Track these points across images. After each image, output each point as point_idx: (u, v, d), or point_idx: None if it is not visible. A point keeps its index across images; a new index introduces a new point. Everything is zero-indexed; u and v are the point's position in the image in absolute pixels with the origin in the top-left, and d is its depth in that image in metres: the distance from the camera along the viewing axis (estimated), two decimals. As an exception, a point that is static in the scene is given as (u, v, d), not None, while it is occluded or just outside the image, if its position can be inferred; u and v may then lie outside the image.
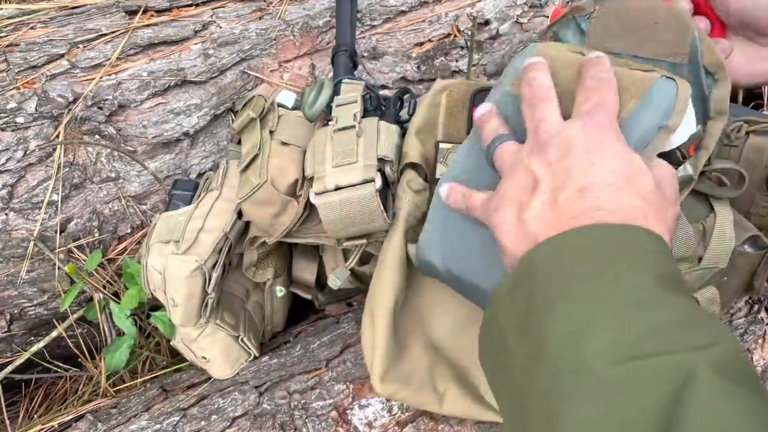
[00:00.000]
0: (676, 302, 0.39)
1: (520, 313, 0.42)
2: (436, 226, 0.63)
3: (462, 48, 0.98)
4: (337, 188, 0.66)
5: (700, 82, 0.55)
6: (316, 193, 0.66)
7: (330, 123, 0.71)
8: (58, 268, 0.87)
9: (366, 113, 0.72)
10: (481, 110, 0.58)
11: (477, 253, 0.59)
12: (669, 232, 0.46)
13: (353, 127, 0.69)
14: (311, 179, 0.68)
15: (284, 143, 0.76)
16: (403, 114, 0.75)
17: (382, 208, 0.66)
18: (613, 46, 0.59)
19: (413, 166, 0.70)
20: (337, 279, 0.76)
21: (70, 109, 0.84)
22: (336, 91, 0.75)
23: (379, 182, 0.65)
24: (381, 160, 0.67)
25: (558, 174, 0.47)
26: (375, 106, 0.74)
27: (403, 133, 0.73)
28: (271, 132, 0.77)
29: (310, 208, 0.74)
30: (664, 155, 0.55)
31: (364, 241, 0.71)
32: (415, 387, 0.70)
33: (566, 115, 0.52)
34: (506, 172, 0.51)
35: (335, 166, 0.67)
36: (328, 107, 0.73)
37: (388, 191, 0.69)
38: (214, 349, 0.81)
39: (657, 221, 0.45)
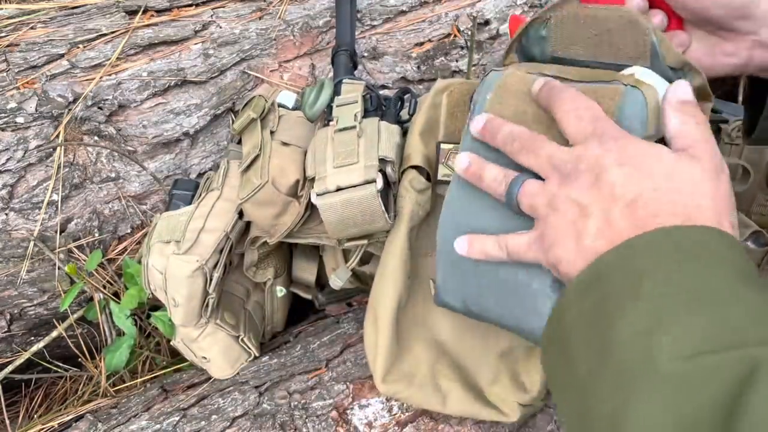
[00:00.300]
0: (748, 297, 0.38)
1: (588, 316, 0.42)
2: (448, 268, 0.63)
3: (462, 48, 0.98)
4: (339, 189, 0.66)
5: (667, 76, 0.55)
6: (318, 194, 0.66)
7: (331, 123, 0.71)
8: (58, 268, 0.87)
9: (366, 113, 0.72)
10: (462, 163, 0.56)
11: (496, 292, 0.59)
12: (729, 212, 0.45)
13: (354, 127, 0.69)
14: (312, 180, 0.68)
15: (285, 144, 0.76)
16: (404, 114, 0.75)
17: (383, 208, 0.66)
18: (576, 53, 0.59)
19: (416, 167, 0.70)
20: (338, 279, 0.76)
21: (70, 109, 0.84)
22: (336, 91, 0.75)
23: (380, 183, 0.65)
24: (382, 161, 0.67)
25: (603, 196, 0.46)
26: (375, 106, 0.73)
27: (404, 133, 0.73)
28: (271, 132, 0.77)
29: (311, 208, 0.74)
30: None
31: (366, 241, 0.71)
32: (417, 386, 0.70)
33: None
34: (543, 210, 0.49)
35: (336, 167, 0.66)
36: (329, 107, 0.73)
37: (389, 191, 0.69)
38: (214, 349, 0.81)
39: (722, 219, 0.44)
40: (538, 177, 0.51)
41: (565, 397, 0.44)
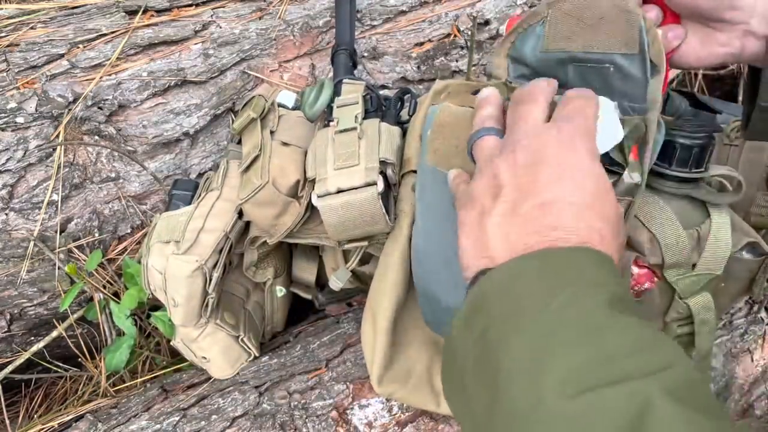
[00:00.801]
0: (626, 324, 0.38)
1: (476, 350, 0.41)
2: (421, 302, 0.67)
3: (462, 48, 0.98)
4: (339, 191, 0.66)
5: (644, 70, 0.56)
6: (318, 196, 0.66)
7: (331, 124, 0.71)
8: (58, 268, 0.87)
9: (367, 114, 0.72)
10: (485, 92, 0.58)
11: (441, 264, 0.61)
12: (619, 258, 0.46)
13: (355, 128, 0.69)
14: (312, 180, 0.68)
15: (285, 144, 0.76)
16: (404, 114, 0.75)
17: (384, 211, 0.66)
18: (569, 46, 0.60)
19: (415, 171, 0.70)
20: (338, 280, 0.76)
21: (70, 109, 0.84)
22: (336, 91, 0.75)
23: (381, 185, 0.65)
24: (383, 163, 0.67)
25: (522, 183, 0.46)
26: (376, 106, 0.73)
27: (404, 134, 0.73)
28: (271, 132, 0.77)
29: (311, 209, 0.74)
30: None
31: (366, 243, 0.71)
32: (413, 386, 0.70)
33: None
34: (479, 168, 0.50)
35: (337, 169, 0.66)
36: (329, 107, 0.73)
37: (389, 193, 0.69)
38: (214, 349, 0.81)
39: (612, 246, 0.44)
40: None
41: None
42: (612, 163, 0.56)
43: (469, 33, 0.97)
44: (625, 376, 0.34)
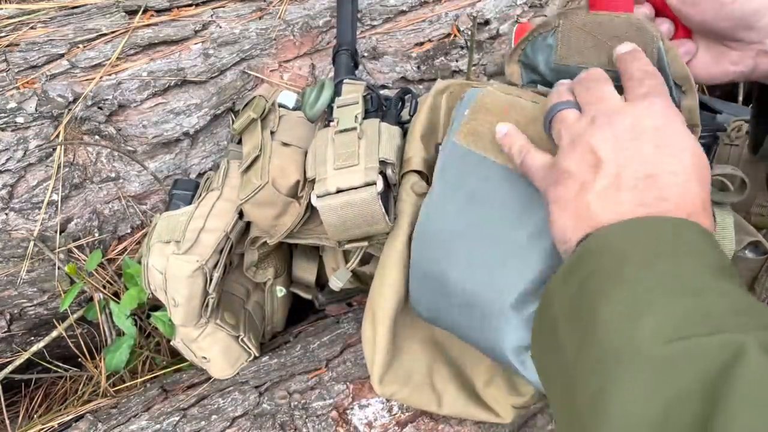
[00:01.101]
0: (728, 289, 0.39)
1: (573, 299, 0.42)
2: (420, 281, 0.66)
3: (462, 48, 0.98)
4: (339, 191, 0.65)
5: (669, 87, 0.55)
6: (318, 196, 0.66)
7: (331, 124, 0.71)
8: (58, 268, 0.87)
9: (367, 114, 0.72)
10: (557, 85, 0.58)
11: (462, 309, 0.62)
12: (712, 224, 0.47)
13: (355, 128, 0.69)
14: (312, 181, 0.68)
15: (285, 144, 0.76)
16: (404, 114, 0.75)
17: (384, 210, 0.66)
18: (582, 60, 0.59)
19: (416, 170, 0.70)
20: (338, 280, 0.76)
21: (70, 109, 0.84)
22: (337, 92, 0.75)
23: (380, 185, 0.65)
24: (382, 163, 0.67)
25: (624, 156, 0.46)
26: (376, 106, 0.73)
27: (404, 134, 0.73)
28: (272, 133, 0.77)
29: (311, 209, 0.74)
30: None
31: (366, 243, 0.71)
32: (413, 387, 0.70)
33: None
34: (566, 145, 0.50)
35: (336, 169, 0.66)
36: (329, 108, 0.73)
37: (389, 193, 0.69)
38: (214, 349, 0.81)
39: (707, 212, 0.45)
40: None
41: (555, 386, 0.44)
42: None
43: (469, 33, 0.97)
44: (722, 329, 0.35)
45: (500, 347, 0.60)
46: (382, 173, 0.67)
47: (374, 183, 0.65)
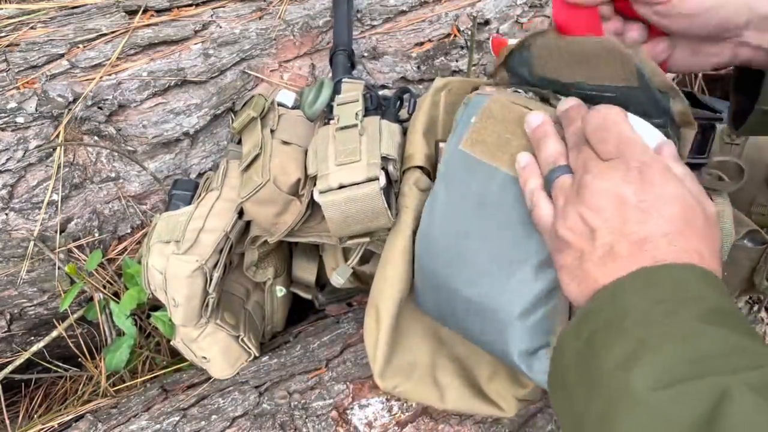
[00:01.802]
0: (718, 334, 0.41)
1: (581, 352, 0.46)
2: (425, 281, 0.67)
3: (462, 48, 0.98)
4: (341, 186, 0.66)
5: (656, 98, 0.55)
6: (320, 192, 0.66)
7: (331, 122, 0.71)
8: (58, 268, 0.87)
9: (367, 112, 0.72)
10: (536, 120, 0.58)
11: (467, 313, 0.63)
12: (720, 261, 0.49)
13: (355, 125, 0.69)
14: (314, 178, 0.68)
15: (286, 142, 0.76)
16: (403, 113, 0.75)
17: (386, 205, 0.66)
18: (562, 78, 0.59)
19: (419, 166, 0.70)
20: (339, 277, 0.76)
21: (70, 109, 0.84)
22: (336, 90, 0.75)
23: (383, 180, 0.65)
24: (384, 159, 0.67)
25: (614, 226, 0.48)
26: (375, 105, 0.73)
27: (404, 132, 0.73)
28: (272, 131, 0.77)
29: (312, 207, 0.74)
30: None
31: (367, 239, 0.71)
32: (416, 380, 0.70)
33: None
34: (560, 212, 0.52)
35: (338, 165, 0.67)
36: (329, 106, 0.73)
37: (390, 189, 0.69)
38: (214, 349, 0.81)
39: (711, 255, 0.47)
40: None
41: (567, 427, 0.47)
42: None
43: (469, 33, 0.97)
44: (710, 372, 0.38)
45: (507, 351, 0.60)
46: (384, 169, 0.67)
47: (377, 178, 0.65)
